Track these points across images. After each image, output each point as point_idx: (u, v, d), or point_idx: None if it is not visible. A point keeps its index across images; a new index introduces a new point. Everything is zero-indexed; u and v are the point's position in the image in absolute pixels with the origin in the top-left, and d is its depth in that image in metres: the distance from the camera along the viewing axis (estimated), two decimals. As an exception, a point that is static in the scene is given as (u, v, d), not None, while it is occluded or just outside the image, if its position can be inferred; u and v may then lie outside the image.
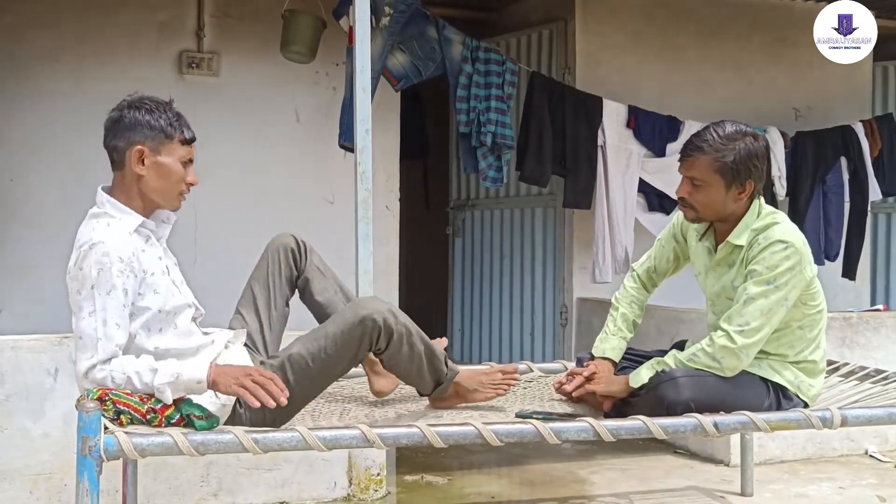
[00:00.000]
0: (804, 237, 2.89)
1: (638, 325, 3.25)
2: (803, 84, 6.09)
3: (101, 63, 5.14)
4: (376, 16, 4.36)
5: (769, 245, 2.79)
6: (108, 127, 2.57)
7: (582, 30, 5.62)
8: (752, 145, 2.81)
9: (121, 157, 2.53)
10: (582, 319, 5.59)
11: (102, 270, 2.39)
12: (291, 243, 3.00)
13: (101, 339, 2.34)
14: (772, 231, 2.83)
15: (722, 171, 2.79)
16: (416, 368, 2.84)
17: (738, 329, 2.78)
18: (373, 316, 2.65)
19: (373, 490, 3.75)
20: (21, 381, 3.37)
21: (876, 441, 4.53)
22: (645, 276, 3.27)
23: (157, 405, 2.35)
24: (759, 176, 2.84)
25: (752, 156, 2.80)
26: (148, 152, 2.51)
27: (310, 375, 2.65)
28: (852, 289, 6.05)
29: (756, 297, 2.77)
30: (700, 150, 2.82)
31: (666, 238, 3.24)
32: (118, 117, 2.55)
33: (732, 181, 2.80)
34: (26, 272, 5.00)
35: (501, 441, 2.49)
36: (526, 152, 5.18)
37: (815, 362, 2.96)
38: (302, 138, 5.45)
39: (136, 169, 2.52)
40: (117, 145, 2.54)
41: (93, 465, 2.13)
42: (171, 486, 3.52)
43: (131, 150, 2.51)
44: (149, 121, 2.52)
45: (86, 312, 2.39)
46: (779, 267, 2.77)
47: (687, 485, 3.98)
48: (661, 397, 2.75)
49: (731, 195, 2.83)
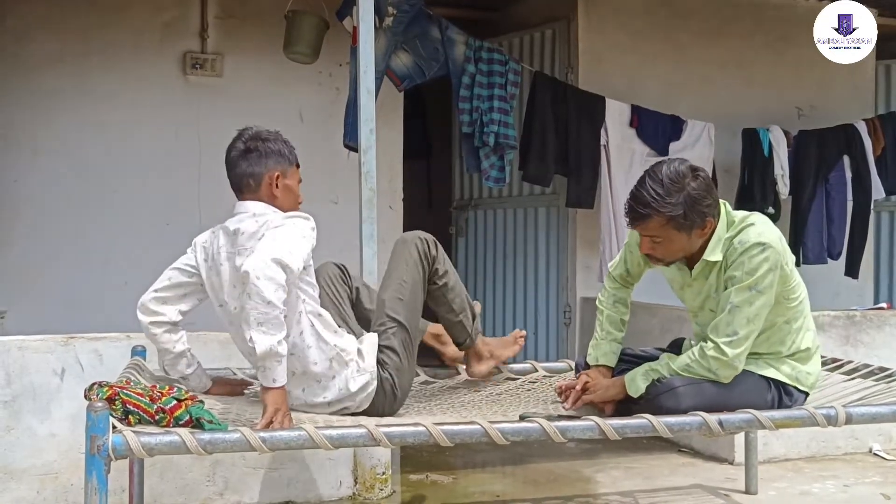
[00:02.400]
0: (779, 232, 2.86)
1: (626, 322, 3.21)
2: (806, 83, 6.09)
3: (104, 64, 5.16)
4: (380, 16, 4.37)
5: (746, 249, 2.75)
6: (237, 158, 2.85)
7: (585, 29, 5.63)
8: (693, 188, 2.72)
9: (257, 183, 2.82)
10: (585, 319, 5.59)
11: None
12: (337, 270, 3.22)
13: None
14: (746, 234, 2.78)
15: (676, 226, 2.75)
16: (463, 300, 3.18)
17: (726, 340, 2.76)
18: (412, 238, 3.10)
19: (378, 489, 3.75)
20: (28, 382, 3.38)
21: (880, 439, 4.53)
22: (621, 280, 3.25)
23: (167, 405, 2.37)
24: (714, 211, 2.77)
25: (699, 200, 2.73)
26: (280, 177, 2.83)
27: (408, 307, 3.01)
28: (855, 287, 6.05)
29: (741, 306, 2.75)
30: (647, 215, 2.74)
31: (633, 244, 3.14)
32: (250, 148, 2.84)
33: (691, 228, 2.76)
34: (31, 273, 5.02)
35: (507, 440, 2.49)
36: (529, 152, 5.19)
37: (808, 349, 2.95)
38: (306, 139, 5.41)
39: (273, 191, 2.83)
40: (254, 172, 2.82)
41: (101, 464, 2.14)
42: (178, 485, 3.53)
43: (270, 175, 2.82)
44: (279, 149, 2.85)
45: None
46: (758, 270, 2.73)
47: (691, 483, 3.98)
48: (660, 408, 2.74)
49: (695, 236, 2.79)
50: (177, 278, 2.95)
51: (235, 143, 2.87)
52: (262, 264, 2.49)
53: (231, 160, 2.86)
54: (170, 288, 2.94)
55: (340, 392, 2.83)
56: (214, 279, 2.87)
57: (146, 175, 5.24)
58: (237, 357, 3.54)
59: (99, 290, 5.09)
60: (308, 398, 2.83)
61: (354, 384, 2.84)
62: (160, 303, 2.92)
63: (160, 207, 5.27)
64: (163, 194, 5.27)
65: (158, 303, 2.92)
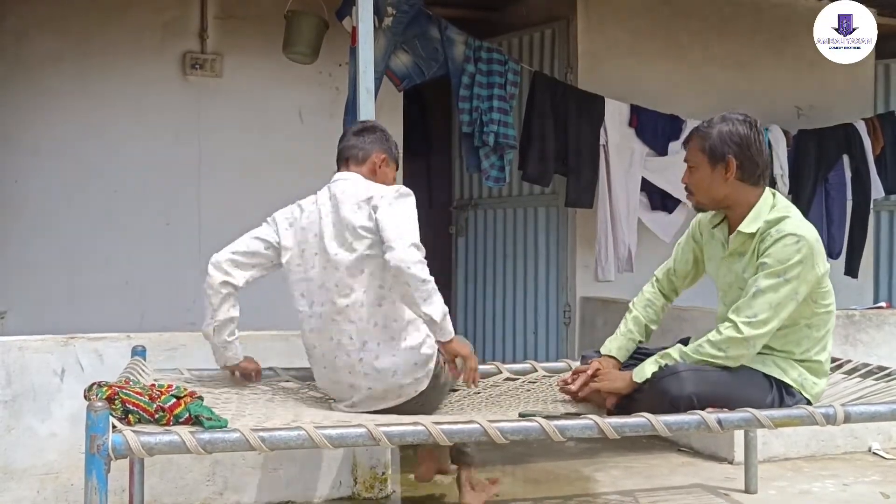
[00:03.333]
0: (817, 233, 2.90)
1: (651, 331, 3.24)
2: (805, 82, 6.09)
3: (105, 64, 5.17)
4: (379, 16, 4.38)
5: (781, 238, 2.80)
6: (352, 133, 3.20)
7: (584, 29, 5.63)
8: (733, 127, 2.88)
9: (364, 157, 3.13)
10: (585, 318, 5.60)
11: None
12: None
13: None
14: (784, 224, 2.83)
15: (704, 151, 2.90)
16: None
17: (745, 320, 2.79)
18: None
19: (377, 489, 3.76)
20: (28, 382, 3.38)
21: (879, 438, 4.54)
22: (664, 280, 3.28)
23: (166, 404, 2.37)
24: (739, 153, 2.87)
25: (731, 134, 2.87)
26: (384, 162, 3.15)
27: None
28: (855, 286, 6.05)
29: (766, 290, 2.78)
30: (691, 137, 2.97)
31: (685, 240, 3.26)
32: (367, 128, 3.19)
33: (714, 159, 2.89)
34: (32, 273, 5.03)
35: (506, 438, 2.49)
36: (528, 152, 5.20)
37: (821, 363, 2.96)
38: (305, 138, 5.47)
39: (375, 169, 3.13)
40: (364, 147, 3.14)
41: (101, 463, 2.14)
42: (178, 485, 3.53)
43: (377, 155, 3.13)
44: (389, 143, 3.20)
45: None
46: (790, 260, 2.77)
47: (691, 482, 3.98)
48: (664, 391, 2.75)
49: (718, 175, 2.89)
50: (254, 246, 3.09)
51: (355, 124, 3.26)
52: (406, 254, 2.77)
53: (346, 134, 3.22)
54: (246, 254, 3.07)
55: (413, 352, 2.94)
56: (311, 238, 3.02)
57: (146, 175, 5.25)
58: (237, 357, 3.55)
59: (99, 291, 5.10)
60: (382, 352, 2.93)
61: (426, 348, 2.97)
62: (234, 265, 3.05)
63: (160, 207, 5.27)
64: (163, 194, 5.27)
65: (232, 265, 3.05)
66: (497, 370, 3.52)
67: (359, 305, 2.92)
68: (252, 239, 3.10)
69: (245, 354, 3.20)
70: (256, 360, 3.27)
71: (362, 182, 3.05)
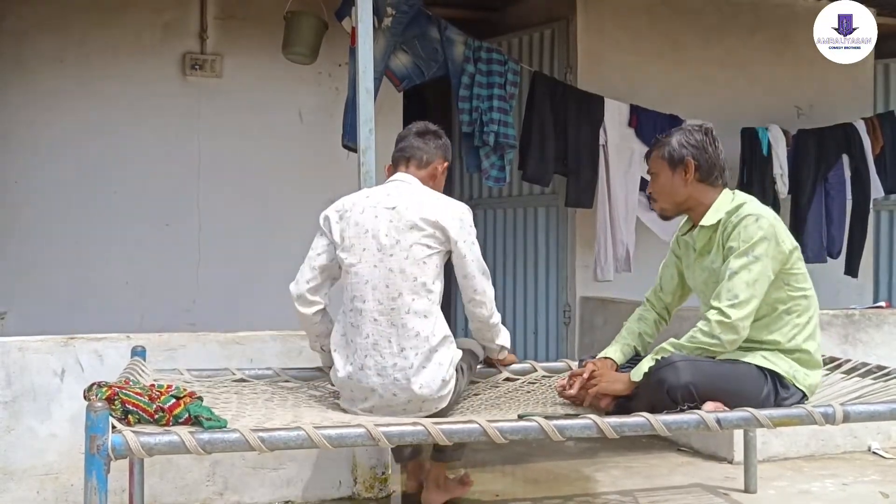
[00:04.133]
0: (776, 215, 3.02)
1: (647, 342, 3.28)
2: (805, 82, 6.10)
3: (105, 65, 5.17)
4: (378, 16, 4.38)
5: (741, 220, 2.93)
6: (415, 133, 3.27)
7: (583, 29, 5.64)
8: (689, 134, 3.07)
9: (428, 162, 3.23)
10: (585, 318, 5.60)
11: None
12: None
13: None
14: (742, 209, 2.97)
15: (664, 157, 3.08)
16: None
17: (728, 304, 2.86)
18: None
19: (378, 489, 3.76)
20: (28, 382, 3.39)
21: (879, 437, 4.54)
22: (654, 298, 3.37)
23: (166, 404, 2.38)
24: (697, 155, 3.03)
25: (687, 140, 3.06)
26: (444, 169, 3.30)
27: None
28: (855, 286, 6.05)
29: (738, 271, 2.88)
30: (653, 148, 3.16)
31: (668, 257, 3.37)
32: (430, 132, 3.29)
33: (674, 164, 3.05)
34: (32, 273, 5.03)
35: (506, 438, 2.49)
36: (528, 152, 5.20)
37: (810, 353, 2.97)
38: (305, 139, 5.47)
39: (436, 175, 3.26)
40: (430, 152, 3.24)
41: (101, 463, 2.14)
42: (178, 485, 3.53)
43: (439, 163, 3.26)
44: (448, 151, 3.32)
45: None
46: (753, 238, 2.89)
47: (691, 482, 3.98)
48: (660, 381, 2.79)
49: (678, 177, 3.05)
50: (320, 262, 3.13)
51: (417, 124, 3.31)
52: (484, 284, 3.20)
53: (407, 133, 3.27)
54: (318, 275, 3.14)
55: (442, 369, 2.97)
56: (363, 235, 3.03)
57: (146, 176, 5.25)
58: (237, 357, 3.56)
59: (99, 291, 5.10)
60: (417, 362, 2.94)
61: (452, 368, 3.02)
62: (314, 292, 3.14)
63: (160, 208, 5.28)
64: (162, 195, 5.28)
65: (313, 293, 3.14)
66: (496, 370, 3.52)
67: (404, 311, 2.94)
68: (316, 256, 3.13)
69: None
70: (256, 359, 3.27)
71: (424, 190, 3.13)
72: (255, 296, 5.24)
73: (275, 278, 5.38)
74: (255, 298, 5.22)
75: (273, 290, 5.45)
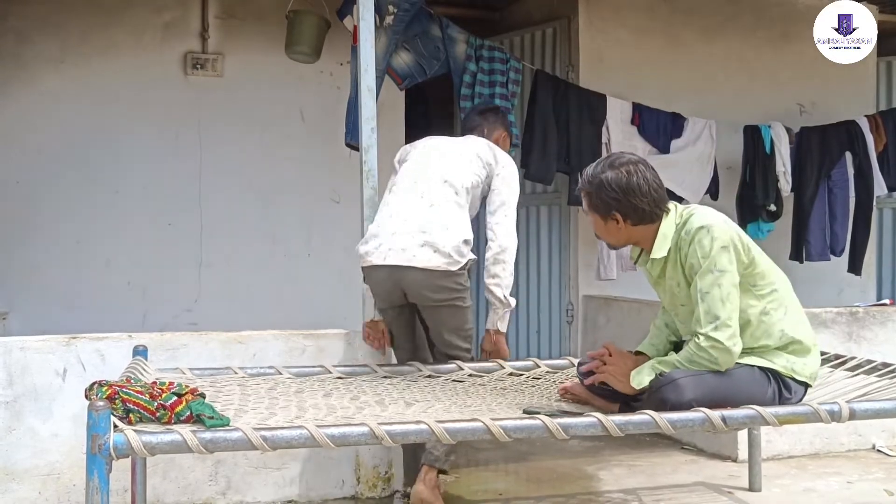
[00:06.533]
0: (724, 216, 2.90)
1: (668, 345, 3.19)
2: (808, 79, 6.08)
3: (105, 64, 5.17)
4: (380, 15, 4.37)
5: (693, 236, 2.81)
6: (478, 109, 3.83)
7: (586, 27, 5.63)
8: (608, 177, 2.83)
9: (489, 132, 3.68)
10: (588, 317, 5.59)
11: None
12: None
13: None
14: (690, 223, 2.84)
15: (593, 208, 2.91)
16: None
17: (712, 327, 2.77)
18: None
19: (381, 488, 3.75)
20: (30, 382, 3.38)
21: (883, 435, 4.53)
22: (662, 313, 3.23)
23: (167, 402, 2.37)
24: (621, 207, 2.84)
25: (609, 188, 2.83)
26: (504, 138, 3.72)
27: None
28: (858, 284, 6.04)
29: (710, 290, 2.78)
30: (581, 190, 2.96)
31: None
32: (491, 108, 3.83)
33: (604, 216, 2.88)
34: (33, 273, 5.03)
35: (510, 436, 2.48)
36: (531, 150, 5.19)
37: (800, 341, 2.92)
38: (307, 138, 5.47)
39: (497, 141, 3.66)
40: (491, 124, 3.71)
41: (102, 463, 2.13)
42: (180, 485, 3.53)
43: (500, 132, 3.71)
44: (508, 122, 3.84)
45: None
46: (711, 251, 2.78)
47: (695, 480, 3.97)
48: (663, 401, 2.73)
49: (612, 226, 2.89)
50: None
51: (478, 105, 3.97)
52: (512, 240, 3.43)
53: (470, 113, 3.84)
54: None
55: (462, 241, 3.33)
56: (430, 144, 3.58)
57: (147, 175, 5.25)
58: (239, 357, 3.55)
59: (101, 291, 5.10)
60: (451, 222, 3.35)
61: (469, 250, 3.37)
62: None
63: (162, 208, 5.27)
64: (164, 194, 5.28)
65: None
66: (500, 366, 3.51)
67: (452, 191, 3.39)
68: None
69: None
70: (258, 359, 3.26)
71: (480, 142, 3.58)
72: (256, 295, 5.24)
73: (277, 277, 5.41)
74: (256, 298, 5.21)
75: (275, 289, 5.48)
